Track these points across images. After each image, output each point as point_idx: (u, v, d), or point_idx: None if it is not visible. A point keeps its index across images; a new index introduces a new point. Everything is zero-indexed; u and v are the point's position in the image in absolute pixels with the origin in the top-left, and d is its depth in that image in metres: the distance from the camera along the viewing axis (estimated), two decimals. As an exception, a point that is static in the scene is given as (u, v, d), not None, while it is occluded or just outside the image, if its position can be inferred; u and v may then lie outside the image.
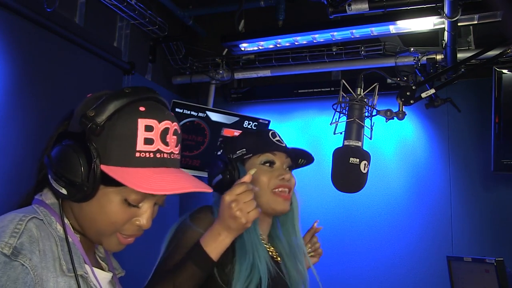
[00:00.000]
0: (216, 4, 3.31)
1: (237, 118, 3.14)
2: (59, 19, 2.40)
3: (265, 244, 1.46)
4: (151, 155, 0.90)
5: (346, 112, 1.63)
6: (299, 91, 3.36)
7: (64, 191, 0.90)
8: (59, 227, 0.94)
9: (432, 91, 1.91)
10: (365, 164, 1.53)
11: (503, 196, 2.86)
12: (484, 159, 2.83)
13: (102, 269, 1.04)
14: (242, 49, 3.10)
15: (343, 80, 1.65)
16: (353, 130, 1.60)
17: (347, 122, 1.61)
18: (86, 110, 0.90)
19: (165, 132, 0.92)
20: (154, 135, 0.90)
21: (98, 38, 2.74)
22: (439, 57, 2.76)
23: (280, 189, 1.44)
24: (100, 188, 0.91)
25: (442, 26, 2.53)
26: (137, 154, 0.89)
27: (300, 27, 2.89)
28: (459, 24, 2.46)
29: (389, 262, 3.01)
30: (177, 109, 2.98)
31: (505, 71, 2.72)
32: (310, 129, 3.35)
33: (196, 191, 0.92)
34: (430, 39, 2.87)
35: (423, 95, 1.87)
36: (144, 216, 0.95)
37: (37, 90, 2.30)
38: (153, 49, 3.26)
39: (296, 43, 2.99)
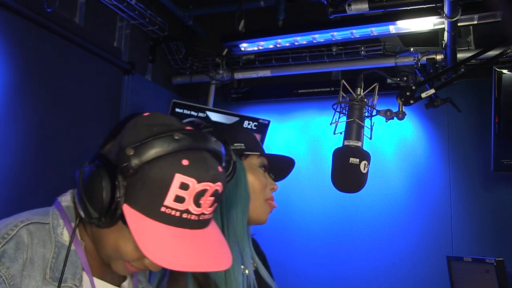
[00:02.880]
0: (216, 4, 3.31)
1: (237, 118, 3.14)
2: (59, 19, 2.40)
3: None
4: (177, 214, 0.82)
5: (346, 112, 1.62)
6: (299, 91, 3.36)
7: (82, 213, 0.86)
8: (65, 232, 0.91)
9: (432, 91, 1.91)
10: (365, 164, 1.53)
11: (503, 196, 2.86)
12: (484, 159, 2.83)
13: (113, 280, 0.98)
14: (242, 49, 3.10)
15: (343, 80, 1.65)
16: (353, 130, 1.60)
17: (347, 122, 1.61)
18: (129, 142, 0.82)
19: (200, 193, 0.83)
20: (188, 194, 0.82)
21: (98, 38, 2.74)
22: (439, 57, 2.76)
23: (270, 201, 1.36)
24: (118, 223, 0.85)
25: (442, 26, 2.53)
26: (163, 209, 0.81)
27: (300, 27, 2.89)
28: (459, 24, 2.46)
29: (389, 262, 3.01)
30: (177, 109, 2.98)
31: (505, 71, 2.72)
32: (310, 129, 3.35)
33: (210, 271, 0.88)
34: (430, 39, 2.87)
35: (423, 95, 1.88)
36: (154, 265, 0.88)
37: (37, 90, 2.30)
38: (153, 49, 3.26)
39: (296, 43, 2.99)
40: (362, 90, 1.65)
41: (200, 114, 3.06)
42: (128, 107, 2.96)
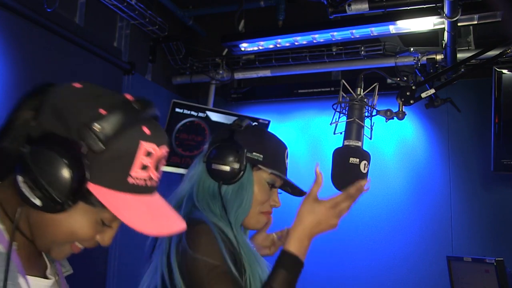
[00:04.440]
0: (216, 4, 3.31)
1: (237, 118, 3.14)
2: (59, 19, 2.41)
3: None
4: (143, 182, 0.82)
5: (346, 112, 1.62)
6: (299, 91, 3.36)
7: (38, 202, 0.77)
8: None
9: (432, 91, 1.91)
10: (365, 164, 1.53)
11: (503, 196, 2.86)
12: (484, 159, 2.83)
13: (39, 273, 0.92)
14: (242, 49, 3.10)
15: (343, 80, 1.64)
16: (353, 130, 1.59)
17: (347, 122, 1.61)
18: (87, 116, 0.78)
19: (159, 159, 0.84)
20: (151, 161, 0.82)
21: (98, 38, 2.74)
22: (439, 57, 2.76)
23: (266, 214, 1.40)
24: (77, 205, 0.80)
25: (442, 26, 2.53)
26: (130, 180, 0.80)
27: (300, 27, 2.89)
28: (459, 24, 2.46)
29: (389, 262, 3.01)
30: (177, 109, 2.98)
31: (505, 71, 2.72)
32: (310, 129, 3.35)
33: (179, 231, 0.87)
34: (430, 39, 2.87)
35: (423, 95, 1.87)
36: (109, 235, 0.87)
37: (37, 90, 2.30)
38: (153, 49, 3.26)
39: (296, 43, 2.99)
40: (362, 90, 1.64)
41: (200, 114, 3.06)
42: (128, 107, 2.96)
